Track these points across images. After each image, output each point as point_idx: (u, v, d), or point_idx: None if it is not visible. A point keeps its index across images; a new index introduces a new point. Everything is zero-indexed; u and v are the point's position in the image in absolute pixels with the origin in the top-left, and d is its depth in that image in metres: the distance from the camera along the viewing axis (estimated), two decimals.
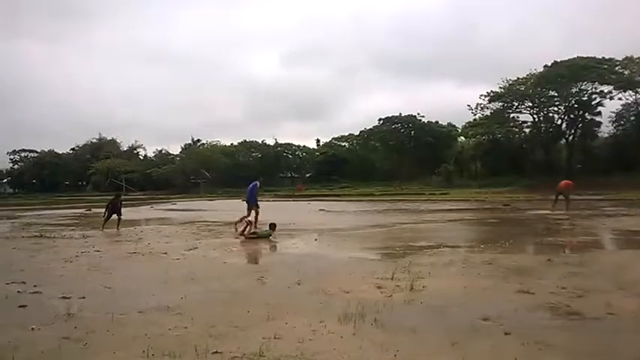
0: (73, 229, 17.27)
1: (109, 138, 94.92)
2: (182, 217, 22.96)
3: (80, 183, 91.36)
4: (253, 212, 14.87)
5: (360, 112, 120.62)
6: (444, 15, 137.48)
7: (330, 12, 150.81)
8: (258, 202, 15.53)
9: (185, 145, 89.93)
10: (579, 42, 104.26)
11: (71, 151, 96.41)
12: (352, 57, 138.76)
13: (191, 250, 10.85)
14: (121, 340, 4.46)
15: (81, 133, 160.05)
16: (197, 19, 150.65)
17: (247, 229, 13.27)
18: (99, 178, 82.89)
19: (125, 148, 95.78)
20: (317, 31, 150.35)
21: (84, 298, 6.18)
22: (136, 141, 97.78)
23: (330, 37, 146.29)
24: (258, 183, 16.27)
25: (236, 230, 14.48)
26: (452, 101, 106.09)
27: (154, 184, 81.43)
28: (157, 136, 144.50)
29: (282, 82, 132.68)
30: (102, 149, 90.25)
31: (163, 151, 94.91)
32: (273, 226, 13.51)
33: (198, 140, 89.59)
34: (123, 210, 17.17)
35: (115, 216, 16.59)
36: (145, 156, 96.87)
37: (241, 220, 14.86)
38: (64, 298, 6.14)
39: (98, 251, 11.02)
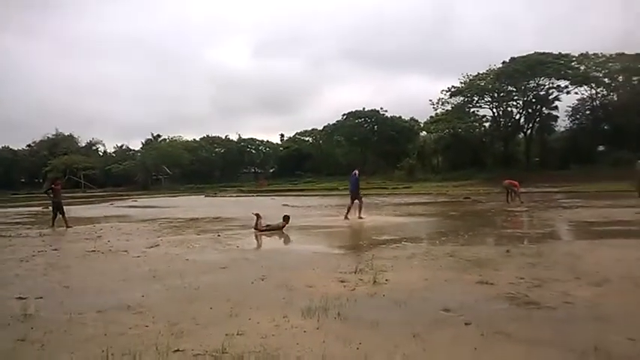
0: (29, 228, 16.85)
1: (66, 134, 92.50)
2: (143, 214, 22.58)
3: (37, 180, 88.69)
4: (357, 201, 16.21)
5: (330, 105, 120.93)
6: (420, 8, 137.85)
7: (304, 3, 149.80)
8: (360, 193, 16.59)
9: (146, 141, 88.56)
10: (555, 35, 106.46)
11: (27, 147, 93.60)
12: (323, 50, 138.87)
13: (152, 247, 10.69)
14: (80, 341, 4.37)
15: (37, 128, 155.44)
16: (163, 8, 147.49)
17: (359, 211, 15.34)
18: (56, 175, 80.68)
19: (83, 144, 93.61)
20: (289, 23, 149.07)
21: (41, 298, 6.03)
22: (93, 138, 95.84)
23: (301, 29, 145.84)
24: (357, 172, 16.91)
25: (346, 218, 16.01)
26: (424, 95, 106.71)
27: (114, 180, 80.00)
28: (118, 131, 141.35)
29: (251, 74, 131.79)
30: (59, 145, 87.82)
31: (123, 147, 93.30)
32: (286, 218, 13.73)
33: (159, 136, 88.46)
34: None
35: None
36: (105, 152, 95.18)
37: (349, 210, 16.30)
38: (20, 298, 5.97)
39: (56, 250, 10.81)
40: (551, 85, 54.73)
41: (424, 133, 72.47)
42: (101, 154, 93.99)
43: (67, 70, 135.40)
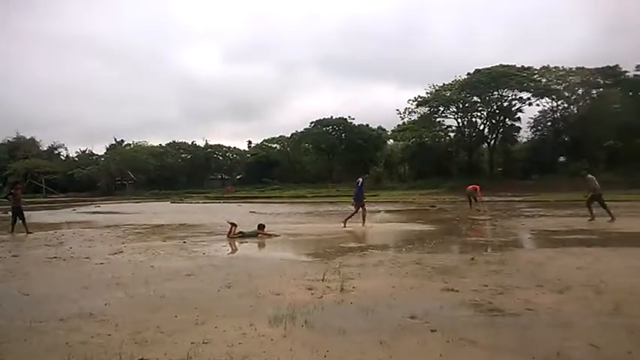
0: None
1: (27, 137, 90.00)
2: (106, 220, 22.12)
3: None
4: (361, 209, 16.31)
5: (298, 112, 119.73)
6: (391, 18, 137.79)
7: (276, 10, 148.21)
8: (364, 200, 16.75)
9: (110, 146, 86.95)
10: (523, 47, 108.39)
11: None
12: (295, 57, 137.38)
13: (116, 254, 10.49)
14: (40, 350, 4.26)
15: None
16: (128, 10, 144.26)
17: (363, 218, 15.98)
18: (16, 180, 78.36)
19: (45, 148, 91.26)
20: (261, 29, 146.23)
21: None
22: (54, 142, 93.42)
23: (271, 37, 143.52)
24: (361, 180, 17.04)
25: (344, 225, 15.96)
26: (392, 103, 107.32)
27: (77, 185, 77.99)
28: (81, 135, 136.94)
29: (222, 79, 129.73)
30: (20, 149, 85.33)
31: (87, 152, 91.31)
32: (262, 226, 13.69)
33: (123, 141, 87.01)
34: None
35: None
36: (67, 156, 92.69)
37: (350, 216, 16.47)
38: None
39: (15, 256, 10.53)
40: (514, 96, 56.37)
41: (391, 141, 73.17)
42: (63, 158, 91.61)
43: (29, 70, 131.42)
